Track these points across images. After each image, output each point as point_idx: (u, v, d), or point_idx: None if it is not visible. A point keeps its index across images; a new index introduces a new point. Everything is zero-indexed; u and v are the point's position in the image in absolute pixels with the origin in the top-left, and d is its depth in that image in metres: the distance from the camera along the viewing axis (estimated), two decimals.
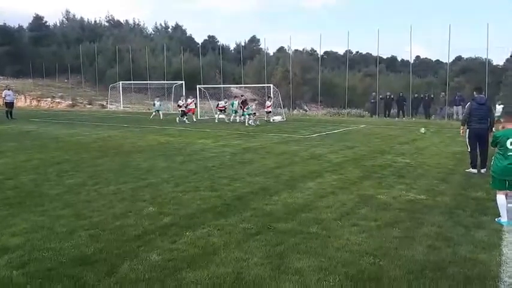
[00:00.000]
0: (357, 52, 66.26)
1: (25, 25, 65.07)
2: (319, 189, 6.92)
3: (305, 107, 36.43)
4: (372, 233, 4.77)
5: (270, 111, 23.01)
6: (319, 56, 38.00)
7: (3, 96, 25.43)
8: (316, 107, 34.33)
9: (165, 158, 10.10)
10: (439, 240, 4.55)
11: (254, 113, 20.38)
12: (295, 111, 32.63)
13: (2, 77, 49.31)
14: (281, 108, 27.23)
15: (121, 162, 9.53)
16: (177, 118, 21.56)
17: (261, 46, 63.03)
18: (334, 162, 9.61)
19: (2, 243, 4.40)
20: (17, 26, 63.84)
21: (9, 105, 24.20)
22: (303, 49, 56.35)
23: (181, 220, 5.20)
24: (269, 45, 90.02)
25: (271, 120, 22.82)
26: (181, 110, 22.07)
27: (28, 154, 10.49)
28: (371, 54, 60.74)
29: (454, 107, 25.41)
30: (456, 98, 25.36)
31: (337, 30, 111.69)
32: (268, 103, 22.83)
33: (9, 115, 23.61)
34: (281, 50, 59.05)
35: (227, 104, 23.73)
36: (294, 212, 5.56)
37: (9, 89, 25.50)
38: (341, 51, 60.78)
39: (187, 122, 21.11)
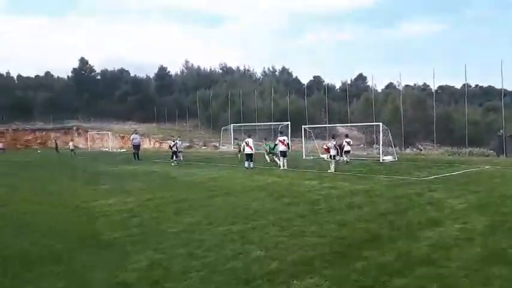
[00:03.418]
0: (476, 85, 61.03)
1: (151, 75, 74.04)
2: (439, 239, 6.25)
3: (419, 146, 34.15)
4: None
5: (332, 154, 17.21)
6: (433, 90, 35.75)
7: (131, 139, 28.81)
8: (432, 145, 31.92)
9: (272, 199, 10.22)
10: None
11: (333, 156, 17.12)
12: (407, 150, 30.76)
13: (131, 122, 56.26)
14: (392, 147, 25.88)
15: (231, 202, 9.91)
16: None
17: (368, 83, 62.09)
18: (456, 208, 8.67)
19: (124, 278, 4.78)
20: (145, 77, 73.04)
21: (136, 147, 27.24)
22: (414, 84, 53.85)
23: (288, 267, 5.10)
24: (377, 82, 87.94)
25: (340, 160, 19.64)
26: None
27: (151, 193, 11.53)
28: (493, 87, 55.39)
29: None
30: None
31: (452, 63, 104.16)
32: (329, 144, 17.76)
33: (136, 156, 26.51)
34: (390, 86, 57.24)
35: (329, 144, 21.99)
36: (411, 265, 5.07)
37: (136, 133, 28.84)
38: (458, 85, 56.64)
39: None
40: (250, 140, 19.08)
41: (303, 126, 27.33)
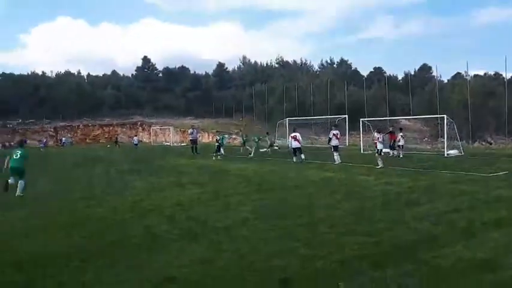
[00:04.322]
0: None
1: (210, 72, 75.67)
2: (506, 241, 5.65)
3: (489, 139, 31.67)
4: None
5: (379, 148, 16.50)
6: (505, 80, 32.89)
7: (188, 133, 29.64)
8: (504, 139, 29.46)
9: (323, 194, 9.90)
10: None
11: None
12: (475, 144, 28.64)
13: (191, 117, 57.99)
14: (457, 140, 24.22)
15: (280, 197, 9.75)
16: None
17: (433, 74, 58.70)
18: None
19: (170, 274, 4.78)
20: (204, 73, 74.85)
21: (194, 141, 27.97)
22: (485, 74, 50.03)
23: (333, 266, 4.86)
24: (442, 73, 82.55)
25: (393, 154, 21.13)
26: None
27: (202, 187, 11.66)
28: None
29: None
30: None
31: None
32: (376, 135, 17.08)
33: (194, 150, 27.21)
34: (457, 76, 53.56)
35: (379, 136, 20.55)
36: (471, 270, 4.61)
37: (193, 128, 29.60)
38: None
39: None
40: (297, 134, 18.89)
41: (361, 119, 26.43)
